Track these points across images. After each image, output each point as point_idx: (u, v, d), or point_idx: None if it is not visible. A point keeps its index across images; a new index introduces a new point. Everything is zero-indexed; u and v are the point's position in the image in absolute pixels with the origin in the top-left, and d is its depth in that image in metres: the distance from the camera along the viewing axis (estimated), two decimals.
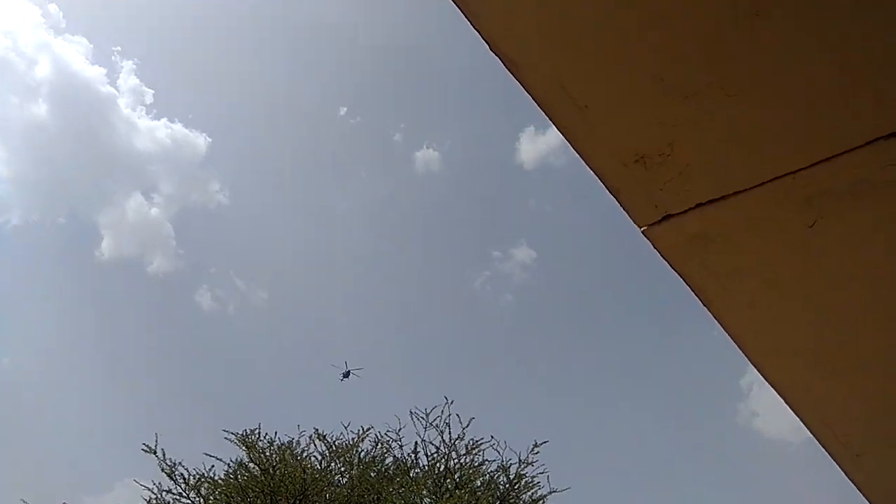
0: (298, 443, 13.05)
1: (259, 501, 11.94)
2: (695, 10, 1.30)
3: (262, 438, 12.78)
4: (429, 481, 12.29)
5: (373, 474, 12.62)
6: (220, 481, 12.24)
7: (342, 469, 12.83)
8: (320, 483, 12.29)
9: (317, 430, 13.13)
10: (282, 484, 11.89)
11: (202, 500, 12.18)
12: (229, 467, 12.45)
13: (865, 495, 2.70)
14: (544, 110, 1.51)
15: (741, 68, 1.36)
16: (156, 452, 12.21)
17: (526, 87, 1.48)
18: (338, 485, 12.58)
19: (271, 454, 12.56)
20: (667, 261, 1.82)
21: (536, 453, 12.31)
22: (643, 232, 1.75)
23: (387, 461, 12.90)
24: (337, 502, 12.15)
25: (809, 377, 2.06)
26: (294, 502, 11.88)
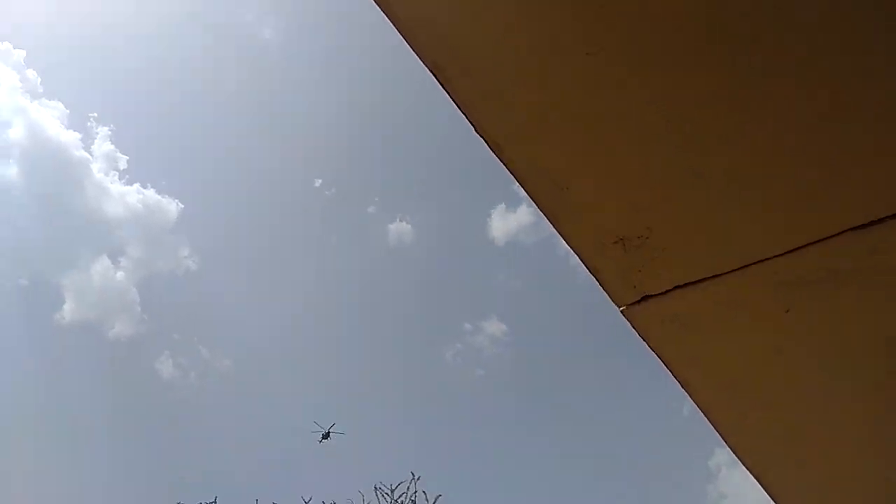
0: None
1: None
2: (673, 101, 1.35)
3: None
4: None
5: None
6: None
7: None
8: None
9: None
10: None
11: None
12: None
13: None
14: (527, 191, 1.54)
15: (717, 158, 1.41)
16: None
17: (509, 168, 1.52)
18: None
19: None
20: (645, 341, 1.82)
21: None
22: (622, 312, 1.76)
23: None
24: None
25: (785, 462, 2.05)
26: None
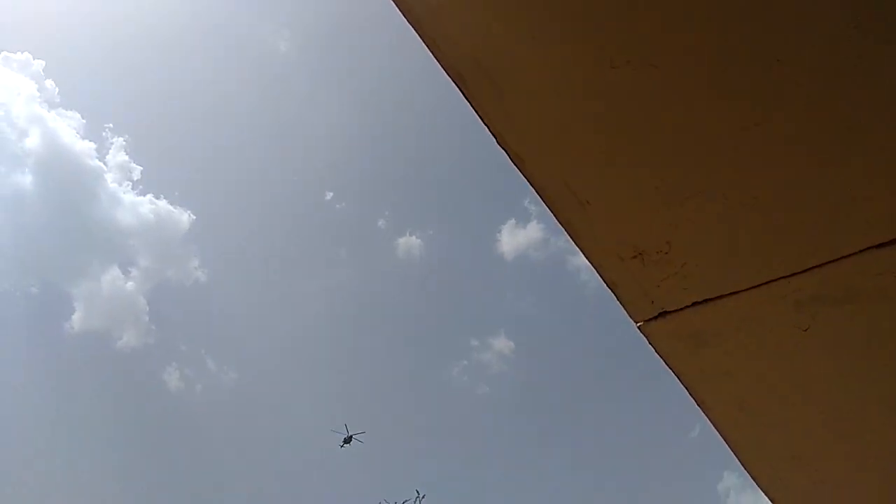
0: None
1: None
2: (696, 117, 1.36)
3: None
4: None
5: None
6: None
7: None
8: None
9: None
10: None
11: None
12: None
13: None
14: (547, 204, 1.54)
15: (740, 173, 1.41)
16: None
17: (529, 180, 1.52)
18: None
19: None
20: (661, 357, 1.82)
21: None
22: (639, 327, 1.76)
23: None
24: None
25: (801, 482, 2.03)
26: None
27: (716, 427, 1.99)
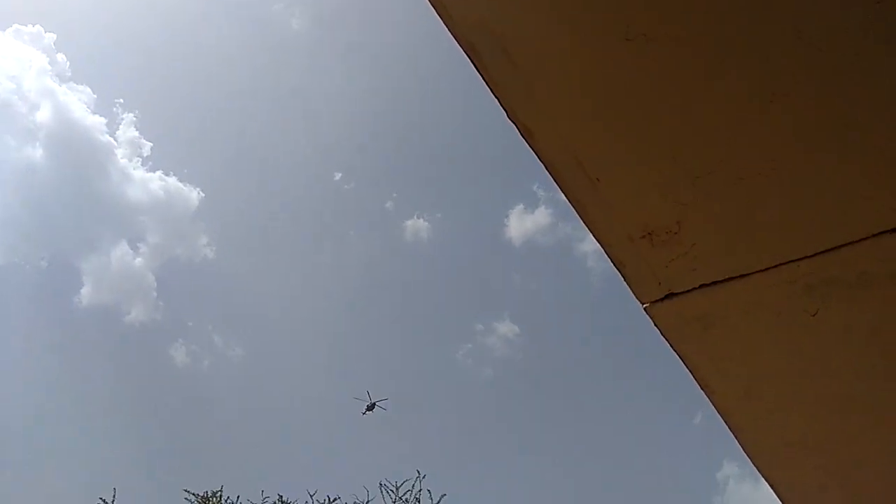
0: None
1: None
2: (712, 92, 1.33)
3: (224, 501, 12.31)
4: None
5: None
6: None
7: None
8: None
9: (280, 496, 12.68)
10: None
11: None
12: None
13: None
14: (556, 180, 1.52)
15: (754, 152, 1.39)
16: None
17: (539, 156, 1.50)
18: None
19: None
20: (666, 340, 1.80)
21: None
22: (645, 309, 1.74)
23: None
24: None
25: (803, 470, 2.01)
26: None
27: (719, 412, 1.97)
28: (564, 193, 1.55)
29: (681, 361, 1.87)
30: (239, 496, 12.59)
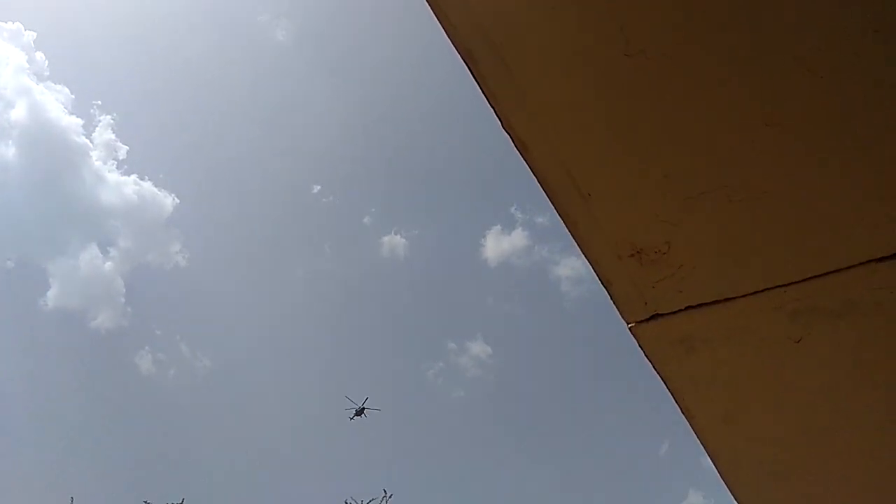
0: None
1: None
2: (708, 113, 1.33)
3: None
4: None
5: None
6: None
7: None
8: None
9: None
10: None
11: None
12: None
13: None
14: (547, 193, 1.51)
15: (746, 176, 1.39)
16: None
17: (532, 168, 1.49)
18: None
19: None
20: (649, 361, 1.79)
21: None
22: (630, 328, 1.72)
23: None
24: None
25: (779, 499, 2.01)
26: None
27: (698, 436, 1.96)
28: (555, 208, 1.53)
29: (662, 384, 1.86)
30: None
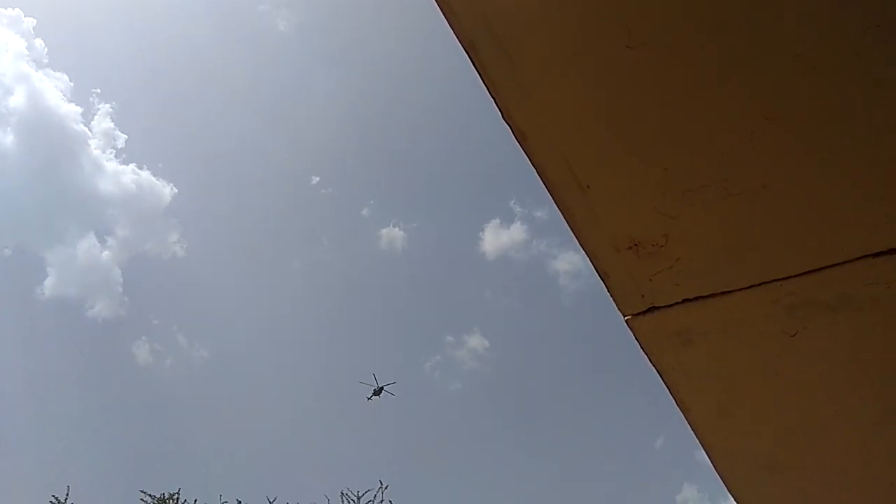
0: None
1: None
2: (709, 107, 1.33)
3: None
4: None
5: None
6: None
7: None
8: None
9: (239, 501, 12.46)
10: None
11: None
12: None
13: None
14: (546, 185, 1.51)
15: (745, 170, 1.39)
16: None
17: (531, 160, 1.49)
18: None
19: None
20: (646, 354, 1.79)
21: None
22: (626, 321, 1.73)
23: None
24: None
25: (775, 492, 2.02)
26: None
27: (693, 430, 1.97)
28: (554, 199, 1.54)
29: (658, 377, 1.87)
30: (197, 499, 12.35)
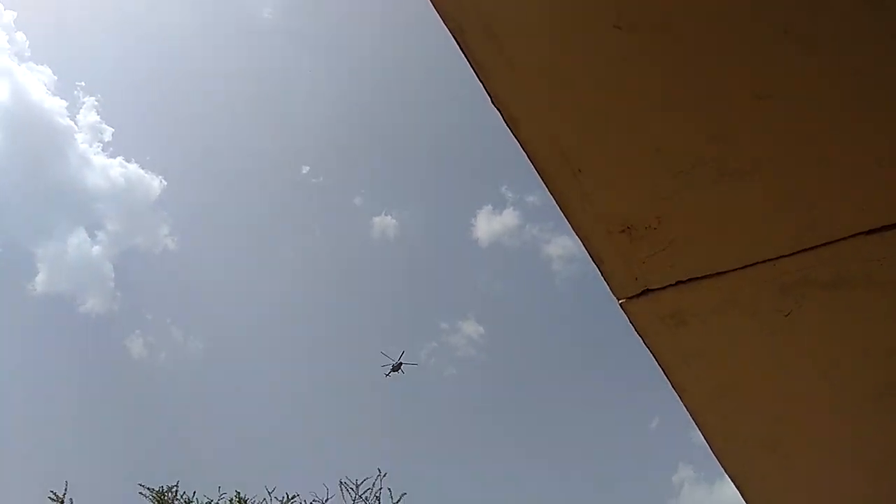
0: None
1: None
2: (699, 87, 1.32)
3: (179, 497, 12.08)
4: None
5: None
6: None
7: None
8: None
9: (238, 493, 12.49)
10: None
11: None
12: None
13: None
14: (538, 170, 1.50)
15: (738, 149, 1.38)
16: (63, 502, 11.39)
17: (522, 144, 1.47)
18: None
19: None
20: (640, 336, 1.79)
21: None
22: (621, 305, 1.73)
23: None
24: None
25: (770, 471, 2.03)
26: None
27: (689, 411, 1.98)
28: (545, 184, 1.53)
29: (653, 359, 1.87)
30: (195, 492, 12.36)
